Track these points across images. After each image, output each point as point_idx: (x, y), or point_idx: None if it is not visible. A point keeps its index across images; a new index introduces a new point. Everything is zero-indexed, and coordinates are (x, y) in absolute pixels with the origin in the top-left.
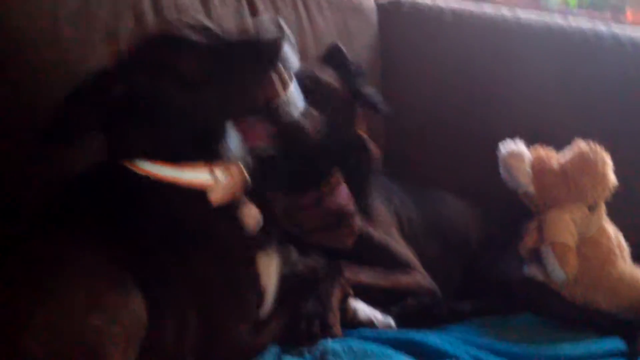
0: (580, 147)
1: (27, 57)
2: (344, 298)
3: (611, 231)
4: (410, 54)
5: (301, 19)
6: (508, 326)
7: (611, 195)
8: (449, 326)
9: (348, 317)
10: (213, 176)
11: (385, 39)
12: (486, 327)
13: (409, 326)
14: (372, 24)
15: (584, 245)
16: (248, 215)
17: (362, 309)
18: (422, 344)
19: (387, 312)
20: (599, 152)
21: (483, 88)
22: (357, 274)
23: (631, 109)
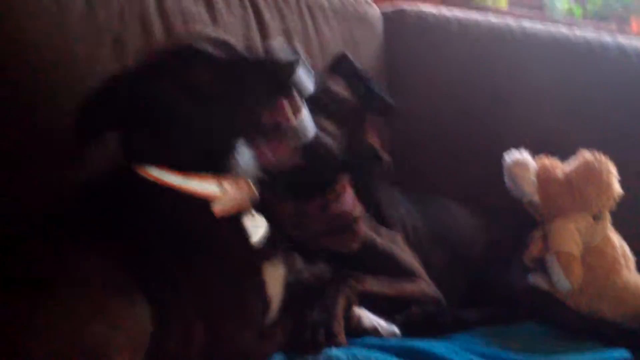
0: (585, 157)
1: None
2: (349, 306)
3: (616, 241)
4: (416, 63)
5: (307, 29)
6: (513, 335)
7: (616, 205)
8: (453, 335)
9: (352, 325)
10: (220, 188)
11: (391, 48)
12: (491, 336)
13: (413, 335)
14: (378, 34)
15: (588, 254)
16: (255, 228)
17: (367, 317)
18: (427, 353)
19: (392, 320)
20: (603, 161)
21: (488, 97)
22: (362, 282)
23: (636, 119)
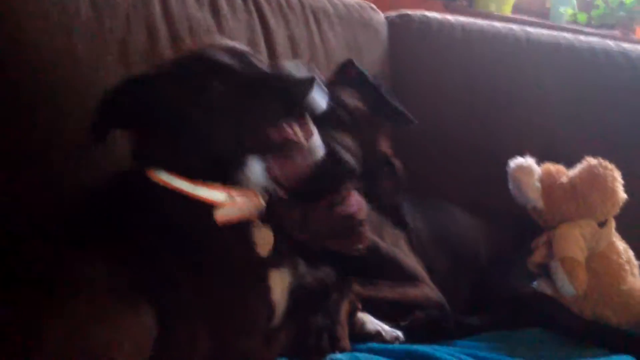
0: (590, 163)
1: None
2: (353, 311)
3: (621, 247)
4: (420, 68)
5: (312, 34)
6: (517, 341)
7: (621, 211)
8: (457, 340)
9: (356, 330)
10: (228, 197)
11: (395, 53)
12: (495, 341)
13: (417, 340)
14: (382, 39)
15: (593, 260)
16: (261, 239)
17: (370, 322)
18: (430, 358)
19: (395, 325)
20: (608, 167)
21: (492, 103)
22: (366, 286)
23: None
